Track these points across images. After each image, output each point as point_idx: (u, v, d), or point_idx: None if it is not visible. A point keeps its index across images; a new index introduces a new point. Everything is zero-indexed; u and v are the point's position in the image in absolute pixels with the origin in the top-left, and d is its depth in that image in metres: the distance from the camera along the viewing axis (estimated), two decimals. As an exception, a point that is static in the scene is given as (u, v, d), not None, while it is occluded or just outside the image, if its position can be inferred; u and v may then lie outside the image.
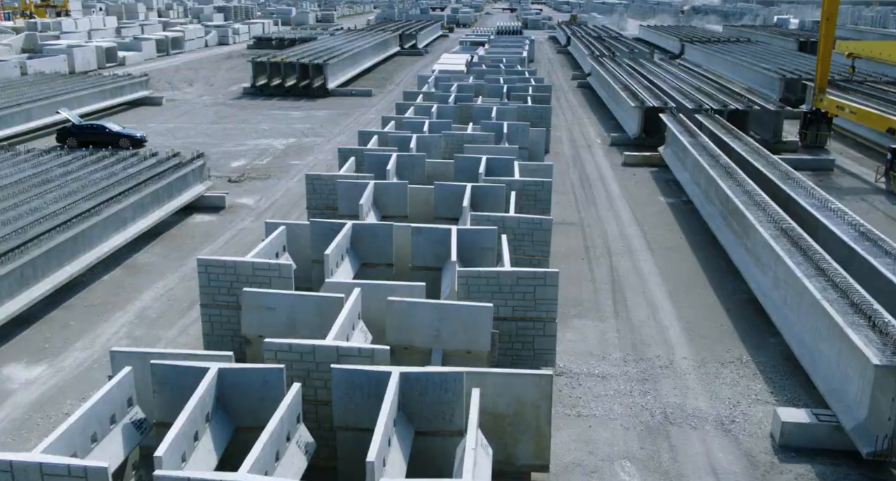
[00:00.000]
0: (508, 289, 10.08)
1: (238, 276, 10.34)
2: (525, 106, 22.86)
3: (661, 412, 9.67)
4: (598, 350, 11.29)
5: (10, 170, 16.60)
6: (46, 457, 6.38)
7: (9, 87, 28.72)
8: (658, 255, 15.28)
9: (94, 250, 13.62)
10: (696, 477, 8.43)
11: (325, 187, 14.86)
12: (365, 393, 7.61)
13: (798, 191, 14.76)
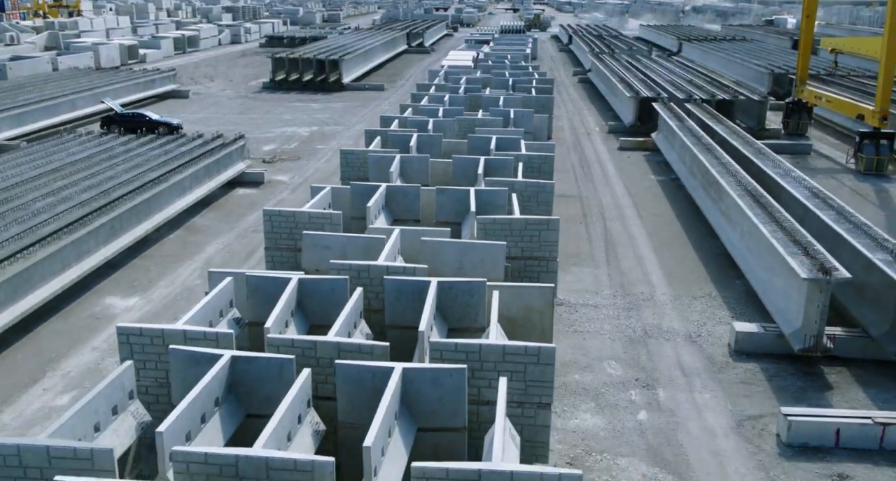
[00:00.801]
0: (518, 233, 12.33)
1: (297, 223, 12.59)
2: (529, 96, 25.09)
3: (642, 329, 11.96)
4: (592, 288, 13.58)
5: (79, 149, 18.91)
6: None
7: (52, 80, 31.04)
8: (646, 220, 17.56)
9: (162, 212, 15.93)
10: (666, 371, 10.70)
11: (357, 160, 17.11)
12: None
13: (766, 163, 17.05)
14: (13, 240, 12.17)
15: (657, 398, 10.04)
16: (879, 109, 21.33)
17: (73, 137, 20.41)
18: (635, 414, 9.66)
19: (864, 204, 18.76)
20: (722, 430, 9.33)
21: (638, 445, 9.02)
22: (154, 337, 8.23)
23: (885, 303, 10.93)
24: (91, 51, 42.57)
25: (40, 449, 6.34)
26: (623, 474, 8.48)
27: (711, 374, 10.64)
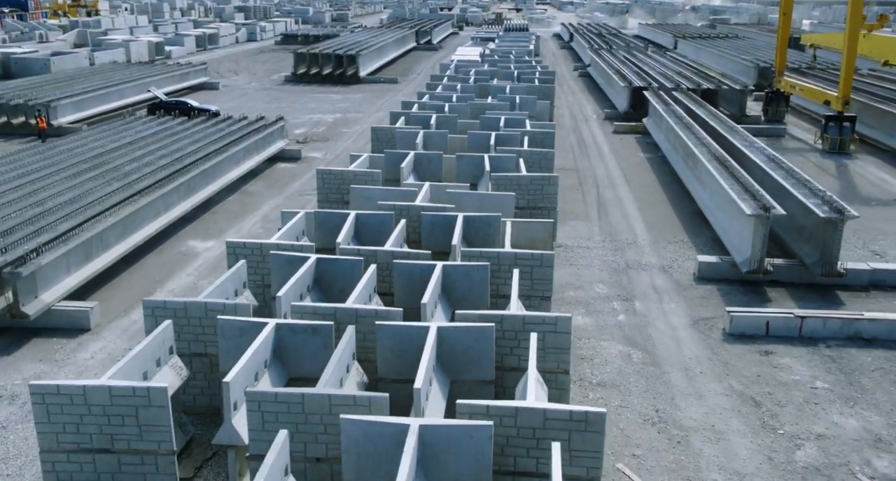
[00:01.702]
0: (525, 187, 15.16)
1: (344, 180, 15.47)
2: (532, 85, 27.96)
3: (625, 263, 14.84)
4: (585, 235, 16.46)
5: (143, 127, 21.82)
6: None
7: (96, 73, 33.96)
8: (633, 188, 20.43)
9: (223, 178, 18.83)
10: (642, 290, 13.58)
11: (385, 135, 19.95)
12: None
13: (735, 137, 19.92)
14: (117, 192, 15.07)
15: (633, 307, 12.92)
16: (842, 95, 24.14)
17: (136, 119, 23.33)
18: (616, 317, 12.54)
19: (824, 176, 21.60)
20: (681, 326, 12.21)
21: (617, 335, 11.90)
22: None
23: (815, 237, 13.80)
24: (122, 47, 45.50)
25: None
26: (605, 350, 11.35)
27: (677, 292, 13.52)
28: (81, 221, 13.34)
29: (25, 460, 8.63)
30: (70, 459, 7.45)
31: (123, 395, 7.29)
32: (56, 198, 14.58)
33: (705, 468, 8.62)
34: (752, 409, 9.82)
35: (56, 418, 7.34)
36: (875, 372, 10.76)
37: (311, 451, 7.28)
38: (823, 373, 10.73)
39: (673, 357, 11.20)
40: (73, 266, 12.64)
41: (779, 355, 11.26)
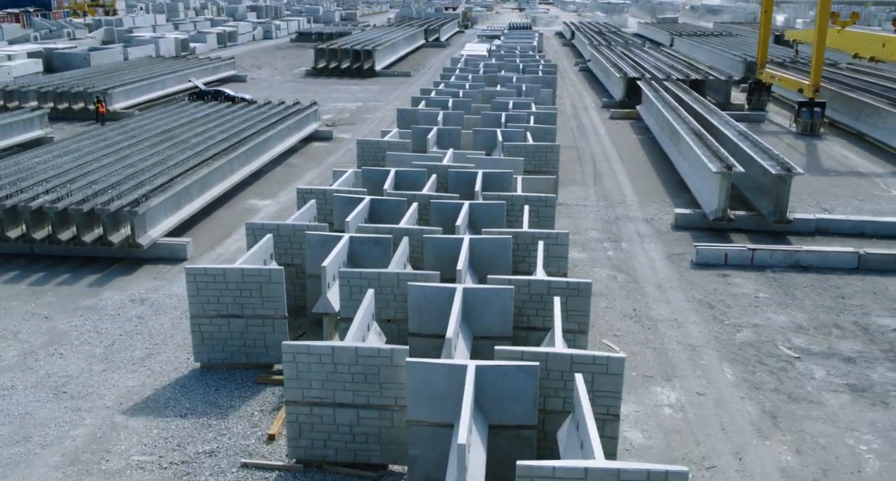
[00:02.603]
0: (531, 154, 18.13)
1: (379, 149, 18.47)
2: (537, 76, 30.99)
3: (614, 216, 17.85)
4: (582, 197, 19.48)
5: (195, 110, 24.87)
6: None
7: (139, 66, 37.02)
8: (626, 162, 23.43)
9: (271, 151, 21.85)
10: (628, 235, 16.58)
11: (409, 116, 22.91)
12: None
13: (714, 117, 22.93)
14: (191, 159, 18.10)
15: (620, 246, 15.94)
16: (812, 84, 27.11)
17: (188, 103, 26.40)
18: (606, 253, 15.56)
19: (794, 153, 24.58)
20: (657, 258, 15.23)
21: (606, 264, 14.92)
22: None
23: (770, 192, 16.80)
24: (152, 43, 48.58)
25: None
26: (596, 274, 14.36)
27: (657, 237, 16.53)
28: (171, 178, 16.39)
29: (165, 336, 11.66)
30: (211, 322, 10.47)
31: (252, 275, 10.30)
32: (143, 162, 17.64)
33: (668, 342, 11.63)
34: (707, 309, 12.84)
35: (203, 292, 10.36)
36: (806, 288, 13.77)
37: (384, 314, 10.28)
38: (766, 288, 13.75)
39: (649, 278, 14.22)
40: (169, 211, 15.68)
41: (733, 277, 14.28)
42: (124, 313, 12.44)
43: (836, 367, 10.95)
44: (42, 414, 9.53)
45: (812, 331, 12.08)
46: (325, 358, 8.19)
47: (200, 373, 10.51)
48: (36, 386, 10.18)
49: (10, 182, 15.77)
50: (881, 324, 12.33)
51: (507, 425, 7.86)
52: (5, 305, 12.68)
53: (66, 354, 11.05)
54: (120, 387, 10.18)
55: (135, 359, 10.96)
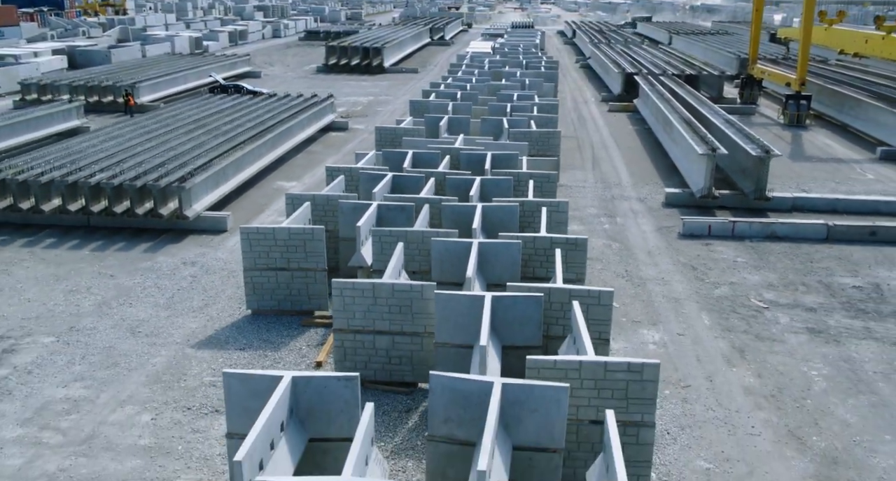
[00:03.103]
0: (535, 140, 19.87)
1: (396, 134, 20.21)
2: (539, 71, 32.74)
3: (611, 196, 19.60)
4: (581, 179, 21.22)
5: (220, 102, 26.63)
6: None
7: (160, 62, 38.83)
8: (622, 150, 25.18)
9: (294, 139, 23.62)
10: (622, 211, 18.33)
11: (421, 106, 24.60)
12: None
13: (704, 108, 24.67)
14: (224, 143, 19.86)
15: (615, 220, 17.68)
16: (798, 77, 28.84)
17: (213, 95, 28.15)
18: (602, 226, 17.30)
19: (781, 142, 26.29)
20: (648, 230, 16.97)
21: (602, 235, 16.65)
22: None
23: (751, 173, 18.53)
24: (167, 42, 50.37)
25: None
26: (592, 243, 16.07)
27: (648, 213, 18.27)
28: (209, 160, 18.16)
29: (217, 291, 13.42)
30: (261, 274, 12.22)
31: (297, 233, 12.06)
32: (182, 147, 19.41)
33: (654, 296, 13.38)
34: (690, 271, 14.59)
35: (254, 248, 12.10)
36: (779, 254, 15.51)
37: (410, 267, 12.01)
38: (743, 254, 15.50)
39: (640, 246, 15.98)
40: (209, 189, 17.45)
41: (715, 245, 16.02)
42: (178, 273, 14.21)
43: (798, 315, 12.70)
44: (124, 347, 11.29)
45: (781, 288, 13.83)
46: (366, 292, 9.94)
47: (252, 318, 12.27)
48: (114, 327, 11.94)
49: (67, 162, 17.55)
50: (842, 283, 14.08)
51: (517, 346, 9.59)
52: (74, 267, 14.45)
53: (135, 304, 12.82)
54: (185, 328, 11.94)
55: (194, 307, 12.72)
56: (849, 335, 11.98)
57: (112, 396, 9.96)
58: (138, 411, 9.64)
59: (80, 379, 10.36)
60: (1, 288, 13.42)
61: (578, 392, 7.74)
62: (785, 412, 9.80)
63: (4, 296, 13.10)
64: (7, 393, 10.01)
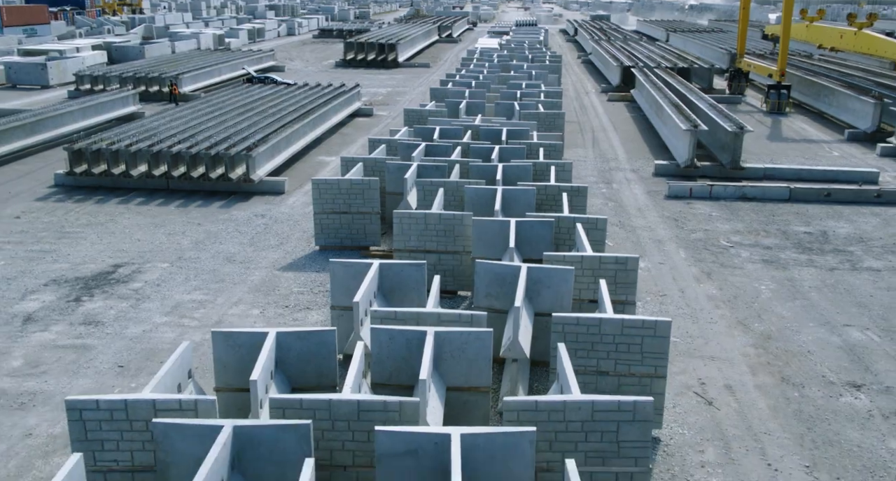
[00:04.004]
0: (542, 120, 22.96)
1: (422, 115, 23.31)
2: (544, 64, 35.88)
3: (608, 168, 22.73)
4: (583, 155, 24.35)
5: (259, 91, 29.77)
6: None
7: (193, 57, 41.97)
8: (619, 132, 28.31)
9: (328, 121, 26.75)
10: (617, 179, 21.45)
11: (440, 93, 27.76)
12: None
13: (692, 94, 27.79)
14: (273, 123, 22.99)
15: (612, 186, 20.80)
16: (779, 69, 31.94)
17: (252, 85, 31.29)
18: (600, 190, 20.42)
19: (762, 127, 29.42)
20: (639, 193, 20.09)
21: (600, 196, 19.77)
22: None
23: (728, 146, 21.65)
24: (193, 39, 53.51)
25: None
26: (592, 201, 19.20)
27: (640, 181, 21.39)
28: (265, 135, 21.29)
29: (288, 234, 16.55)
30: (328, 217, 15.33)
31: (357, 183, 15.18)
32: (239, 125, 22.56)
33: (642, 239, 16.50)
34: (673, 222, 17.72)
35: (323, 196, 15.20)
36: (747, 210, 18.64)
37: (448, 210, 15.10)
38: (718, 210, 18.62)
39: (632, 204, 19.11)
40: (267, 159, 20.58)
41: (694, 204, 19.16)
42: (252, 222, 17.36)
43: (757, 252, 15.83)
44: (225, 270, 14.44)
45: (745, 233, 16.96)
46: (419, 220, 13.06)
47: (320, 252, 15.40)
48: (212, 257, 15.09)
49: (147, 136, 20.69)
50: (796, 230, 17.20)
51: (534, 259, 12.70)
52: (166, 218, 17.60)
53: (224, 242, 15.97)
54: (269, 258, 15.09)
55: (272, 245, 15.87)
56: (795, 264, 15.10)
57: (226, 299, 13.10)
58: (249, 308, 12.78)
59: (198, 289, 13.50)
60: (113, 232, 16.57)
61: (580, 278, 10.85)
62: (737, 310, 12.92)
63: (118, 237, 16.25)
64: (146, 297, 13.16)
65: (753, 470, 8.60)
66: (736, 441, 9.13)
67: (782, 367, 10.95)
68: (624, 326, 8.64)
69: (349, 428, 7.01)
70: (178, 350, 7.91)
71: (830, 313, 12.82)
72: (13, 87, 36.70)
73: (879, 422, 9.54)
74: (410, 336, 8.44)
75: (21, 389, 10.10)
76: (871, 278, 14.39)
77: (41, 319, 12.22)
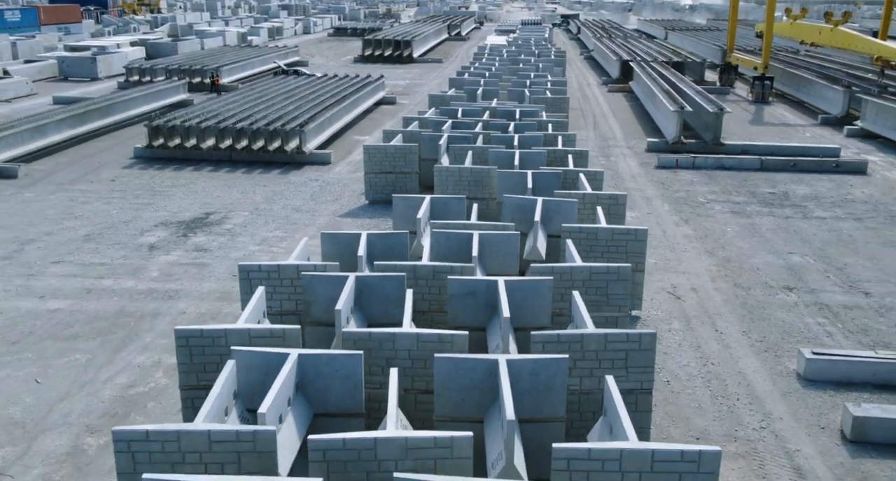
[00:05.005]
0: (549, 103, 26.38)
1: (444, 99, 26.70)
2: (549, 58, 39.31)
3: (606, 145, 26.15)
4: (585, 136, 27.76)
5: (294, 82, 33.22)
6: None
7: (228, 52, 45.45)
8: (618, 118, 31.72)
9: (359, 107, 30.18)
10: (615, 154, 24.86)
11: (458, 81, 31.17)
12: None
13: (682, 83, 31.21)
14: (315, 106, 26.43)
15: (610, 159, 24.21)
16: (763, 62, 35.33)
17: (287, 76, 34.76)
18: (599, 161, 23.82)
19: (746, 114, 32.83)
20: (633, 165, 23.50)
21: (598, 166, 23.19)
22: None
23: (710, 125, 25.05)
24: (219, 36, 57.00)
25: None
26: (592, 170, 22.62)
27: (634, 155, 24.81)
28: (311, 115, 24.73)
29: (340, 192, 19.98)
30: (375, 176, 18.75)
31: (400, 148, 18.60)
32: (286, 108, 26.00)
33: (634, 197, 19.89)
34: (660, 185, 21.13)
35: (372, 158, 18.62)
36: (724, 177, 22.05)
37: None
38: (699, 177, 22.03)
39: (626, 172, 22.53)
40: (315, 135, 24.03)
41: (679, 172, 22.57)
42: (308, 184, 20.81)
43: (728, 206, 19.24)
44: (294, 217, 17.88)
45: (720, 193, 20.38)
46: (454, 173, 16.47)
47: (370, 205, 18.83)
48: (283, 208, 18.54)
49: (212, 116, 24.14)
50: (762, 191, 20.61)
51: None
52: (235, 182, 21.06)
53: (289, 198, 19.41)
54: (328, 210, 18.53)
55: (329, 200, 19.31)
56: (757, 214, 18.51)
57: (301, 235, 16.54)
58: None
59: (277, 229, 16.95)
60: (195, 191, 20.02)
61: (582, 211, 14.24)
62: (706, 243, 16.34)
63: (200, 194, 19.70)
64: (238, 234, 16.60)
65: (706, 333, 12.01)
66: (695, 319, 12.55)
67: (735, 278, 14.37)
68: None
69: (427, 285, 10.43)
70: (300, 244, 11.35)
71: (779, 246, 16.23)
72: (65, 80, 40.21)
73: (801, 308, 12.95)
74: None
75: (166, 288, 13.55)
76: (818, 224, 17.80)
77: (162, 247, 15.68)
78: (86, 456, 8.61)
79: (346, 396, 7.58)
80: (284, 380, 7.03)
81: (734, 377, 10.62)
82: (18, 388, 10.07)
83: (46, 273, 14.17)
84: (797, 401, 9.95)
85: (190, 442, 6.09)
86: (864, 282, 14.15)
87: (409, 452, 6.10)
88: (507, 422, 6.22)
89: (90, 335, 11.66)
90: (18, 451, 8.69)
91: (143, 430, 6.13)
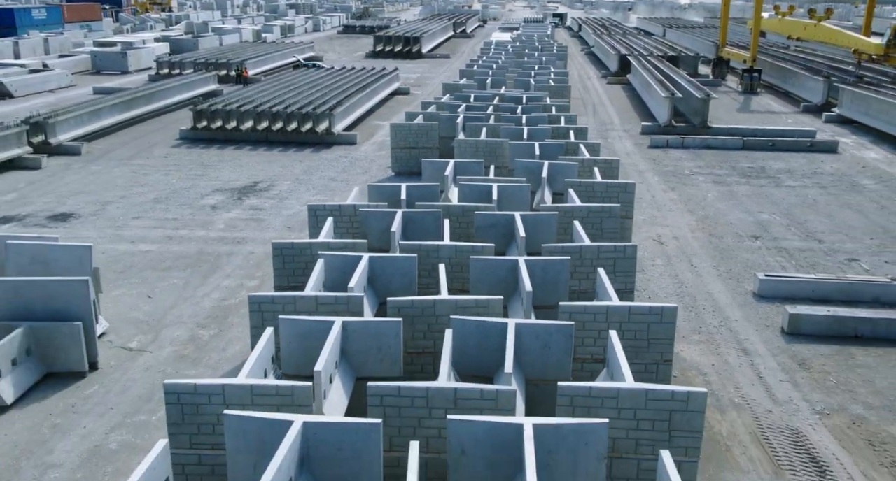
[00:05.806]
0: (553, 91, 28.99)
1: (457, 87, 29.30)
2: (552, 53, 41.94)
3: (605, 129, 28.77)
4: (584, 121, 30.35)
5: (316, 74, 35.84)
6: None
7: (249, 48, 48.10)
8: (615, 106, 34.34)
9: (377, 96, 32.81)
10: (612, 136, 27.49)
11: (468, 73, 33.77)
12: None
13: (675, 74, 33.82)
14: (339, 94, 29.06)
15: (607, 140, 26.83)
16: (751, 55, 37.94)
17: (307, 69, 37.40)
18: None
19: (735, 103, 35.44)
20: (629, 144, 26.13)
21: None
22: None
23: (699, 110, 27.66)
24: (236, 33, 59.64)
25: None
26: (591, 149, 25.25)
27: (629, 136, 27.43)
28: (338, 101, 27.38)
29: (368, 166, 22.61)
30: (401, 150, 21.37)
31: (423, 126, 21.23)
32: (314, 95, 28.64)
33: (628, 170, 22.51)
34: (651, 161, 23.76)
35: (398, 135, 21.25)
36: (709, 154, 24.67)
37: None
38: (686, 155, 24.66)
39: (622, 150, 25.16)
40: (342, 118, 26.68)
41: (669, 150, 25.20)
42: (339, 160, 23.45)
43: (710, 177, 21.87)
44: (331, 185, 20.53)
45: (704, 167, 23.01)
46: (471, 144, 19.10)
47: (396, 176, 21.47)
48: (320, 179, 21.18)
49: (248, 102, 26.80)
50: (742, 166, 23.24)
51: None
52: (274, 158, 23.70)
53: (324, 171, 22.05)
54: (360, 179, 21.16)
55: (359, 172, 21.95)
56: (736, 183, 21.14)
57: (341, 199, 19.17)
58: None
59: (318, 194, 19.59)
60: (241, 165, 22.66)
61: (582, 173, 16.86)
62: (688, 205, 18.96)
63: (245, 168, 22.33)
64: (285, 197, 19.24)
65: (683, 267, 14.65)
66: (674, 257, 15.19)
67: (711, 230, 17.01)
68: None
69: (458, 221, 13.06)
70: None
71: (752, 207, 18.87)
72: (98, 73, 42.87)
73: (764, 251, 15.59)
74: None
75: (234, 236, 16.20)
76: (788, 190, 20.44)
77: (222, 207, 18.33)
78: (202, 341, 11.26)
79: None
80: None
81: (703, 295, 13.26)
82: (135, 302, 12.72)
83: (130, 225, 16.83)
84: (750, 310, 12.59)
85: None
86: (820, 233, 16.79)
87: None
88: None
89: (181, 267, 14.31)
90: (149, 338, 11.34)
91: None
